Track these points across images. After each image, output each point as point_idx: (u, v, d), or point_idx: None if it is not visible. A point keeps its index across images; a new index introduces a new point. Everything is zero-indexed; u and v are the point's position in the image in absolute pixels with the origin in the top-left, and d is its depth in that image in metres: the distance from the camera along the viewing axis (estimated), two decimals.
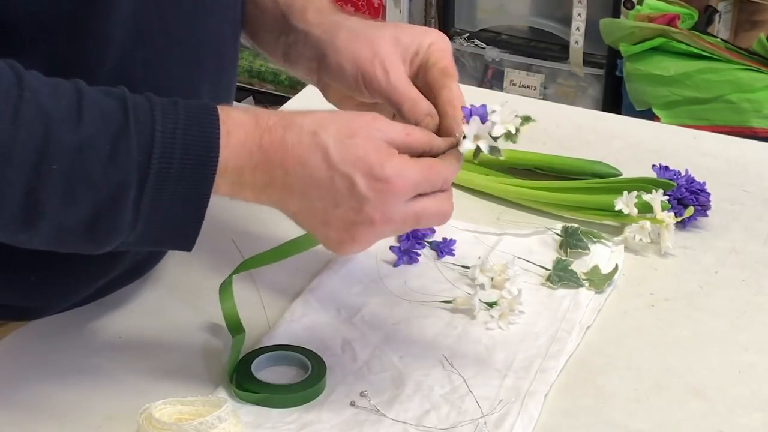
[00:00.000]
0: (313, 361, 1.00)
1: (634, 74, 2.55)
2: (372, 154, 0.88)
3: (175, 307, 1.09)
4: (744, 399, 0.99)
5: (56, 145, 0.82)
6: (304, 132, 0.88)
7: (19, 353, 1.02)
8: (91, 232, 0.86)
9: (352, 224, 0.89)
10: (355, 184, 0.87)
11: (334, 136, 0.88)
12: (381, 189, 0.87)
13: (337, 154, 0.87)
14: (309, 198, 0.88)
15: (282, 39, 1.07)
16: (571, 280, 1.13)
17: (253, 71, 3.04)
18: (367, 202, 0.87)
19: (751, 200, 1.30)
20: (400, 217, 0.89)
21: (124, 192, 0.84)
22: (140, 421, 0.90)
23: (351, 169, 0.87)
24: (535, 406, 0.96)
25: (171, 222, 0.88)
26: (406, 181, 0.88)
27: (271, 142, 0.88)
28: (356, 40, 1.01)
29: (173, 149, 0.85)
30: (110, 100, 0.85)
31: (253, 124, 0.88)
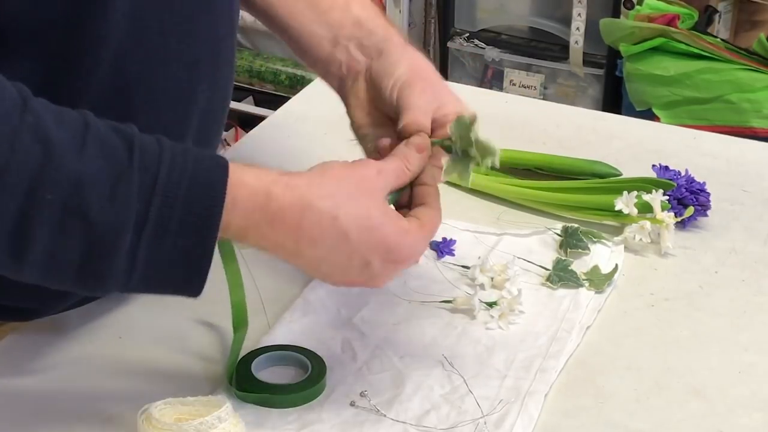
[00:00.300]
0: (313, 361, 1.00)
1: (634, 74, 2.55)
2: (390, 238, 0.90)
3: (175, 307, 1.09)
4: (744, 399, 0.99)
5: (53, 175, 0.79)
6: (324, 216, 0.88)
7: (19, 353, 1.02)
8: (81, 273, 0.83)
9: (354, 282, 0.93)
10: (371, 265, 0.90)
11: (354, 219, 0.88)
12: (395, 268, 0.92)
13: (357, 238, 0.89)
14: (318, 264, 0.90)
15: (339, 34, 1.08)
16: (571, 280, 1.13)
17: (253, 71, 3.04)
18: (378, 277, 0.92)
19: (751, 200, 1.30)
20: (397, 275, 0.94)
21: (119, 237, 0.81)
22: (140, 421, 0.90)
23: (370, 253, 0.89)
24: (535, 406, 0.96)
25: (173, 273, 0.85)
26: (416, 257, 0.93)
27: (285, 223, 0.87)
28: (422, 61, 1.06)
29: (175, 202, 0.83)
30: (117, 136, 0.83)
31: (263, 199, 0.86)
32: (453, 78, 3.03)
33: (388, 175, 0.93)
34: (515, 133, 1.44)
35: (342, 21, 1.09)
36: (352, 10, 1.09)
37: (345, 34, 1.08)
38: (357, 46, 1.07)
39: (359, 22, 1.08)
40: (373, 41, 1.07)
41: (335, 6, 1.10)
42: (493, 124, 1.44)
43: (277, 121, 1.46)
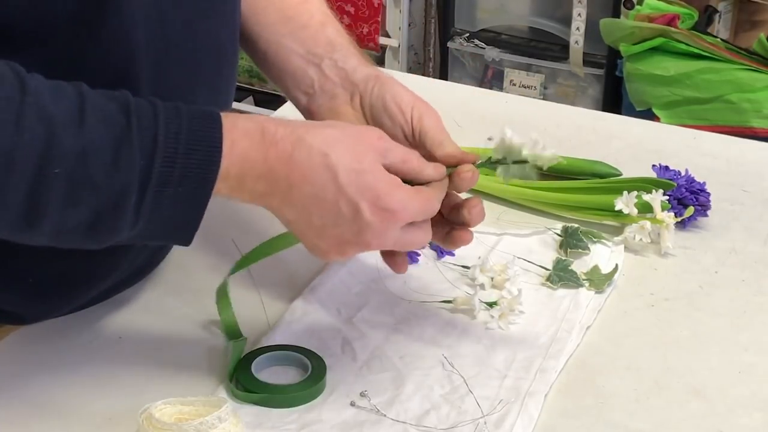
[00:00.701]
0: (313, 361, 1.00)
1: (634, 74, 2.55)
2: (380, 184, 0.90)
3: (175, 307, 1.09)
4: (744, 399, 0.99)
5: (59, 150, 0.82)
6: (314, 151, 0.89)
7: (20, 353, 1.02)
8: (91, 231, 0.86)
9: (346, 243, 0.91)
10: (360, 211, 0.89)
11: (344, 159, 0.90)
12: (385, 218, 0.90)
13: (346, 179, 0.89)
14: (309, 213, 0.90)
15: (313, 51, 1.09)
16: (571, 280, 1.13)
17: (253, 71, 3.04)
18: (368, 228, 0.90)
19: (751, 200, 1.30)
20: (392, 242, 0.93)
21: (126, 196, 0.85)
22: (140, 421, 0.90)
23: (359, 196, 0.89)
24: (535, 406, 0.96)
25: (171, 221, 0.88)
26: (408, 213, 0.92)
27: (278, 157, 0.89)
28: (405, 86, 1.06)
29: (176, 155, 0.86)
30: (113, 103, 0.86)
31: (259, 135, 0.89)
32: (453, 78, 3.03)
33: (391, 145, 0.94)
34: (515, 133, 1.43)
35: (316, 39, 1.09)
36: (326, 31, 1.10)
37: (318, 53, 1.08)
38: (331, 66, 1.08)
39: (333, 44, 1.09)
40: (349, 65, 1.07)
41: (311, 24, 1.10)
42: (493, 124, 1.45)
43: None
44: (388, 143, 0.94)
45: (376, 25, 3.01)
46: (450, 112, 1.47)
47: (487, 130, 1.44)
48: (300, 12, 1.11)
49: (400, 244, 0.94)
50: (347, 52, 1.09)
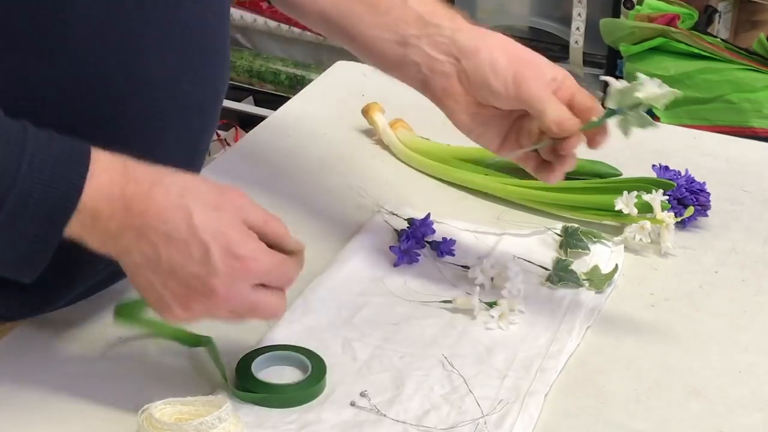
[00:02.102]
0: (313, 361, 1.00)
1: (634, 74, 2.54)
2: (233, 231, 0.89)
3: None
4: (744, 399, 0.99)
5: None
6: (172, 192, 0.88)
7: (19, 353, 1.02)
8: None
9: (192, 290, 0.88)
10: (210, 254, 0.87)
11: (201, 202, 0.88)
12: (234, 266, 0.88)
13: (199, 220, 0.87)
14: (158, 254, 0.88)
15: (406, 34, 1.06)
16: (571, 280, 1.13)
17: (253, 71, 3.04)
18: (216, 274, 0.88)
19: (751, 200, 1.30)
20: (241, 300, 0.90)
21: None
22: (140, 421, 0.90)
23: (210, 238, 0.87)
24: (535, 406, 0.96)
25: (16, 255, 0.87)
26: (259, 266, 0.89)
27: (135, 193, 0.87)
28: (510, 44, 1.04)
29: (34, 189, 0.84)
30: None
31: (120, 171, 0.87)
32: None
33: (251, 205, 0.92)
34: None
35: (404, 19, 1.06)
36: (409, 4, 1.07)
37: (413, 33, 1.05)
38: (430, 44, 1.05)
39: (422, 18, 1.06)
40: (446, 35, 1.04)
41: (393, 4, 1.07)
42: None
43: (277, 121, 1.46)
44: (249, 203, 0.92)
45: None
46: None
47: None
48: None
49: (247, 304, 0.91)
50: (439, 18, 1.05)
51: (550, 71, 1.03)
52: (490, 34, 1.05)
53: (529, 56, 1.04)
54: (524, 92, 1.00)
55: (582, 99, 1.02)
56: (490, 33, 1.05)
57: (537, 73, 1.01)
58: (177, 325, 0.98)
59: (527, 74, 1.01)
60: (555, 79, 1.02)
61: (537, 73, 1.01)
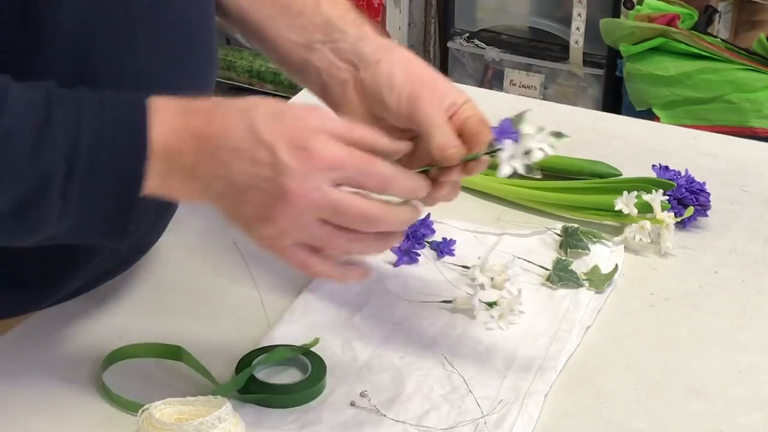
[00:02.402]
0: (313, 361, 1.00)
1: (634, 74, 2.55)
2: (298, 128, 0.86)
3: (174, 307, 1.09)
4: (744, 399, 0.99)
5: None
6: (232, 109, 0.87)
7: (19, 353, 1.02)
8: (17, 222, 0.85)
9: (270, 197, 0.85)
10: (277, 153, 0.85)
11: (263, 111, 0.87)
12: (302, 158, 0.85)
13: (262, 125, 0.86)
14: (231, 171, 0.86)
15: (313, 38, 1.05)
16: (571, 280, 1.13)
17: (253, 71, 3.04)
18: (286, 170, 0.84)
19: (751, 200, 1.30)
20: (319, 197, 0.85)
21: (50, 183, 0.83)
22: (140, 421, 0.90)
23: (274, 138, 0.85)
24: (535, 406, 0.96)
25: (101, 214, 0.86)
26: (330, 155, 0.85)
27: (198, 119, 0.86)
28: (412, 61, 1.01)
29: (101, 141, 0.84)
30: (35, 91, 0.84)
31: (180, 105, 0.87)
32: (453, 78, 3.01)
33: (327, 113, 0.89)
34: None
35: (313, 23, 1.05)
36: (321, 9, 1.06)
37: (318, 38, 1.04)
38: (333, 50, 1.03)
39: (330, 22, 1.04)
40: (349, 42, 1.03)
41: (305, 7, 1.06)
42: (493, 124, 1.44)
43: None
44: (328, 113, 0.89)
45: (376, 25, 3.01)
46: None
47: None
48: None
49: (328, 204, 0.86)
50: (345, 25, 1.04)
51: (451, 94, 0.98)
52: (396, 49, 1.02)
53: (429, 76, 0.99)
54: (417, 112, 0.96)
55: (473, 124, 0.95)
56: (395, 47, 1.03)
57: (433, 94, 0.97)
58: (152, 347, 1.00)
59: (423, 94, 0.97)
60: (454, 104, 0.97)
61: (433, 95, 0.97)
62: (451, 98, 0.97)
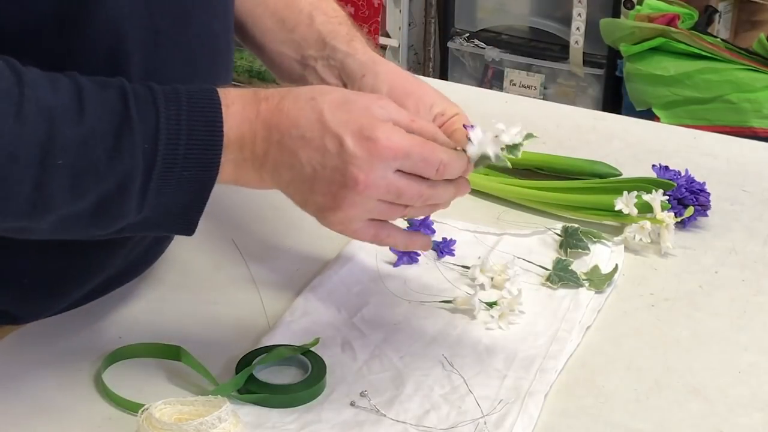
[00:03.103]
0: (313, 361, 1.00)
1: (634, 74, 2.55)
2: (364, 118, 0.89)
3: (175, 307, 1.09)
4: (744, 399, 0.99)
5: (60, 141, 0.83)
6: (301, 97, 0.90)
7: (19, 353, 1.02)
8: (96, 218, 0.87)
9: (337, 186, 0.89)
10: (344, 143, 0.88)
11: (330, 101, 0.90)
12: (368, 148, 0.88)
13: (330, 116, 0.89)
14: (300, 161, 0.89)
15: (306, 54, 1.08)
16: (571, 280, 1.13)
17: (253, 71, 3.04)
18: (353, 160, 0.88)
19: (751, 200, 1.30)
20: (384, 184, 0.89)
21: (131, 180, 0.85)
22: (140, 421, 0.90)
23: (342, 128, 0.88)
24: (535, 406, 0.96)
25: (176, 206, 0.89)
26: (395, 145, 0.89)
27: (268, 108, 0.89)
28: (397, 74, 1.03)
29: (178, 135, 0.86)
30: (110, 90, 0.86)
31: (251, 95, 0.90)
32: (453, 78, 3.03)
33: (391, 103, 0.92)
34: None
35: (307, 39, 1.08)
36: (315, 24, 1.08)
37: (311, 54, 1.08)
38: (324, 66, 1.07)
39: (322, 38, 1.07)
40: (338, 59, 1.06)
41: (300, 21, 1.09)
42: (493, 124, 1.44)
43: None
44: (393, 103, 0.92)
45: (376, 25, 3.01)
46: None
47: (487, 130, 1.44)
48: (291, 9, 1.10)
49: (393, 191, 0.90)
50: (336, 41, 1.07)
51: (439, 104, 1.00)
52: (382, 63, 1.04)
53: (414, 87, 1.01)
54: None
55: (458, 138, 0.96)
56: (381, 62, 1.05)
57: (419, 103, 0.99)
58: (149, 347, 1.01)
59: (408, 104, 0.99)
60: (443, 114, 0.99)
61: (419, 104, 0.99)
62: (440, 108, 0.99)
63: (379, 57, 1.06)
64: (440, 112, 0.99)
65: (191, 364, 0.99)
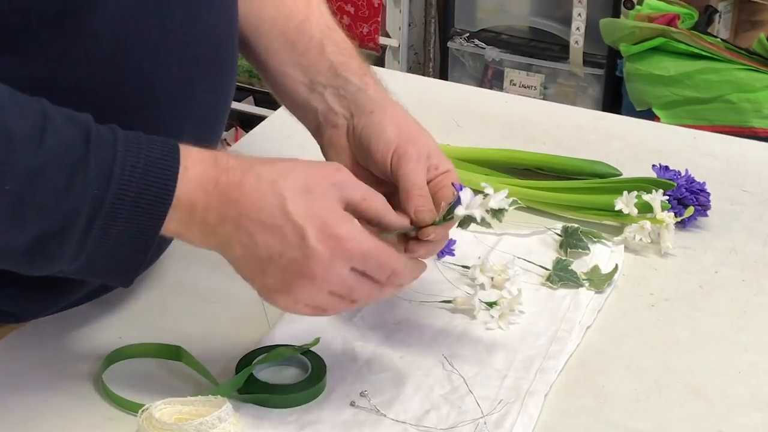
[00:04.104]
0: (313, 361, 1.00)
1: (634, 74, 2.55)
2: (328, 213, 0.89)
3: (174, 307, 1.09)
4: (744, 399, 0.99)
5: (13, 167, 0.82)
6: (263, 179, 0.88)
7: (19, 353, 1.02)
8: (30, 256, 0.86)
9: (292, 275, 0.89)
10: (306, 237, 0.87)
11: (293, 187, 0.88)
12: (331, 246, 0.88)
13: (293, 205, 0.88)
14: (256, 243, 0.88)
15: (315, 80, 1.08)
16: (571, 280, 1.13)
17: (253, 71, 3.03)
18: (314, 255, 0.88)
19: (751, 200, 1.30)
20: (339, 280, 0.89)
21: (74, 222, 0.84)
22: (140, 421, 0.90)
23: (305, 221, 0.88)
24: (535, 406, 0.96)
25: (114, 258, 0.88)
26: (357, 245, 0.89)
27: (229, 182, 0.88)
28: (403, 117, 1.04)
29: (129, 188, 0.85)
30: (74, 127, 0.85)
31: (212, 162, 0.89)
32: (453, 78, 3.03)
33: (350, 179, 0.92)
34: (515, 133, 1.44)
35: (317, 65, 1.08)
36: (326, 52, 1.09)
37: (321, 81, 1.08)
38: (334, 95, 1.07)
39: (334, 68, 1.08)
40: (349, 91, 1.06)
41: (311, 47, 1.09)
42: (493, 124, 1.45)
43: (277, 121, 1.46)
44: (348, 177, 0.92)
45: (376, 25, 3.01)
46: (450, 113, 1.47)
47: (487, 130, 1.44)
48: (301, 34, 1.10)
49: (346, 287, 0.90)
50: (348, 73, 1.07)
51: (435, 157, 1.01)
52: (391, 104, 1.05)
53: (418, 136, 1.03)
54: (401, 168, 1.00)
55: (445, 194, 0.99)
56: (391, 102, 1.06)
57: (419, 153, 1.00)
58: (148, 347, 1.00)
59: (410, 152, 1.00)
60: (436, 168, 1.01)
61: (419, 154, 1.00)
62: (435, 161, 1.01)
63: (388, 97, 1.07)
64: (435, 164, 1.00)
65: (191, 364, 0.99)
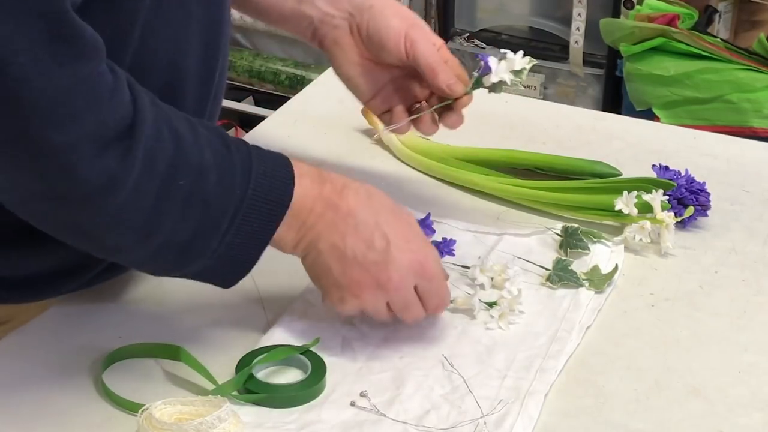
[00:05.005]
0: (313, 361, 1.00)
1: (634, 74, 2.55)
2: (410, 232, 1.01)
3: (175, 307, 1.09)
4: (744, 399, 0.99)
5: (184, 161, 0.88)
6: (361, 194, 0.99)
7: (19, 353, 1.02)
8: (183, 253, 0.92)
9: (369, 277, 0.98)
10: (390, 245, 0.98)
11: (384, 205, 1.00)
12: (409, 259, 0.99)
13: (383, 219, 0.99)
14: (345, 244, 0.97)
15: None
16: (571, 280, 1.13)
17: (253, 71, 3.04)
18: (393, 261, 0.98)
19: (751, 200, 1.30)
20: (405, 292, 0.99)
21: (224, 218, 0.91)
22: (140, 421, 0.90)
23: (393, 235, 0.98)
24: (535, 406, 0.96)
25: (238, 258, 0.94)
26: (430, 267, 1.00)
27: (331, 192, 0.98)
28: (399, 6, 1.13)
29: (262, 190, 0.92)
30: (212, 131, 0.92)
31: (316, 173, 0.98)
32: None
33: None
34: (515, 133, 1.44)
35: None
36: None
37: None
38: (326, 1, 1.12)
39: None
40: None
41: None
42: (493, 124, 1.45)
43: (277, 121, 1.46)
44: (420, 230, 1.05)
45: None
46: None
47: (488, 129, 1.44)
48: None
49: (404, 302, 1.00)
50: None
51: (434, 36, 1.12)
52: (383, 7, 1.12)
53: (418, 21, 1.13)
54: (418, 53, 1.10)
55: (454, 66, 1.12)
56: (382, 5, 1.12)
57: (426, 36, 1.11)
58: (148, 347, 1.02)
59: (418, 36, 1.10)
60: (436, 44, 1.11)
61: (426, 37, 1.11)
62: (436, 40, 1.12)
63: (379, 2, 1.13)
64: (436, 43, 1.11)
65: (191, 364, 0.99)
